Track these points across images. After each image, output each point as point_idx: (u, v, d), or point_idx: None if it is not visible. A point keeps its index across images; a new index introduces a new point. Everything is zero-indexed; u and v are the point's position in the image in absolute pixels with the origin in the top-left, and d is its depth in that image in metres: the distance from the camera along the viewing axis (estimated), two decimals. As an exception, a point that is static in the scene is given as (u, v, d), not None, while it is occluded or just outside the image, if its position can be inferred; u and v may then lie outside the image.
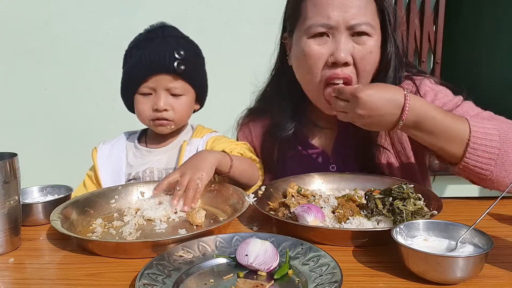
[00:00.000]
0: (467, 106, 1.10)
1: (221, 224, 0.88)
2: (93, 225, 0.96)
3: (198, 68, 1.29)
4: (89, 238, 0.89)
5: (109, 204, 1.07)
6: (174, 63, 1.18)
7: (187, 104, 1.26)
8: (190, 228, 0.94)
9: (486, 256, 0.68)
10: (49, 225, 0.88)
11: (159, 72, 1.19)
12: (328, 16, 1.03)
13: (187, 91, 1.24)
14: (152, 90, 1.22)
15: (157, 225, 0.96)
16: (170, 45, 1.20)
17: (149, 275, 0.69)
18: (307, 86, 1.14)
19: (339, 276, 0.66)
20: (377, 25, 1.08)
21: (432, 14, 2.54)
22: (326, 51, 1.05)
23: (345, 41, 1.04)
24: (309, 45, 1.06)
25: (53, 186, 1.12)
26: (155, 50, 1.19)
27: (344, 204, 0.94)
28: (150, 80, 1.21)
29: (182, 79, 1.22)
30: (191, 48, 1.27)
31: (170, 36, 1.23)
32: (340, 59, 1.03)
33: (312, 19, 1.05)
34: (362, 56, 1.05)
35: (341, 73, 1.05)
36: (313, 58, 1.06)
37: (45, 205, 1.00)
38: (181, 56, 1.19)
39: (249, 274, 0.73)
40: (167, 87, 1.21)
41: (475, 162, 0.93)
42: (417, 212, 0.88)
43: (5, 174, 0.83)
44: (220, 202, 1.07)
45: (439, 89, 1.15)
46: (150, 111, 1.23)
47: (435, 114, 0.93)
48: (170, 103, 1.23)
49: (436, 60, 2.59)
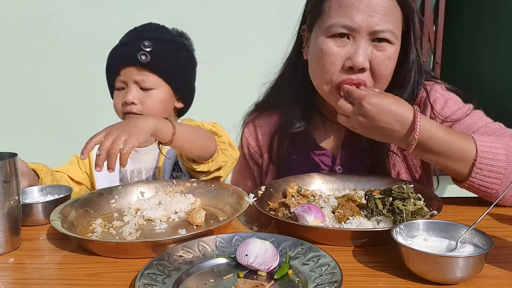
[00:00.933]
0: (476, 115, 1.09)
1: (221, 224, 0.88)
2: (93, 225, 0.96)
3: (171, 61, 1.26)
4: (89, 238, 0.89)
5: (109, 204, 1.06)
6: (138, 53, 1.19)
7: (159, 98, 1.25)
8: (190, 228, 0.94)
9: (486, 256, 0.68)
10: (49, 225, 0.88)
11: (125, 64, 1.21)
12: (352, 18, 1.00)
13: (158, 85, 1.24)
14: (124, 84, 1.24)
15: (157, 225, 0.96)
16: (141, 35, 1.22)
17: (149, 275, 0.69)
18: (320, 85, 1.11)
19: (339, 276, 0.66)
20: (400, 33, 1.06)
21: (432, 14, 2.54)
22: (344, 53, 1.03)
23: (365, 46, 1.02)
24: (328, 44, 1.04)
25: (53, 186, 1.12)
26: (123, 41, 1.23)
27: (344, 204, 0.94)
28: (121, 73, 1.23)
29: (149, 71, 1.22)
30: (166, 40, 1.25)
31: (145, 30, 1.24)
32: (357, 64, 1.01)
33: (334, 18, 1.02)
34: (380, 62, 1.03)
35: (356, 79, 1.03)
36: (331, 59, 1.04)
37: (45, 205, 1.00)
38: (146, 47, 1.19)
39: (249, 274, 0.73)
40: (135, 79, 1.22)
41: (480, 181, 0.93)
42: (417, 212, 0.88)
43: (5, 174, 0.83)
44: (220, 202, 1.07)
45: (449, 96, 1.14)
46: (121, 105, 1.25)
47: (442, 135, 0.92)
48: (139, 97, 1.23)
49: (436, 60, 2.59)
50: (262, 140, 1.32)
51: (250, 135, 1.34)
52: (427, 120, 0.93)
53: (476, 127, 1.06)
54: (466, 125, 1.07)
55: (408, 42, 1.09)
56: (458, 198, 1.06)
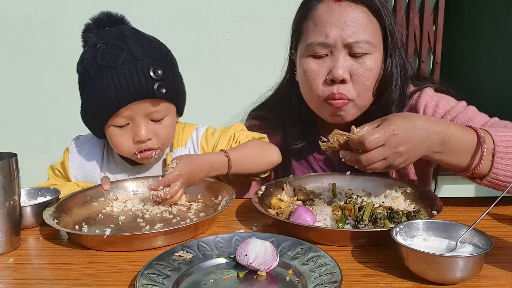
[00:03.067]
0: (471, 112, 1.09)
1: (204, 219, 0.90)
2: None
3: (176, 80, 1.10)
4: (78, 232, 0.91)
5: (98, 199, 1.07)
6: (154, 86, 1.00)
7: (171, 124, 1.11)
8: (170, 223, 0.96)
9: (485, 256, 0.68)
10: (48, 226, 0.88)
11: (136, 99, 1.01)
12: (327, 34, 1.05)
13: (169, 111, 1.09)
14: (129, 120, 1.05)
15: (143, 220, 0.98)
16: (142, 61, 1.00)
17: (149, 275, 0.69)
18: (310, 102, 1.16)
19: (339, 276, 0.66)
20: (379, 42, 1.08)
21: (432, 14, 2.54)
22: (324, 69, 1.07)
23: (343, 59, 1.05)
24: (308, 63, 1.09)
25: (40, 188, 1.07)
26: (123, 72, 0.98)
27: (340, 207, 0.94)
28: (125, 110, 1.02)
29: (164, 101, 1.06)
30: (164, 57, 1.07)
31: (136, 46, 1.02)
32: (337, 76, 1.05)
33: (312, 37, 1.07)
34: (360, 74, 1.06)
35: (337, 92, 1.06)
36: (312, 76, 1.08)
37: (33, 207, 0.96)
38: (158, 76, 1.00)
39: (249, 274, 0.73)
40: (147, 113, 1.04)
41: (504, 172, 0.90)
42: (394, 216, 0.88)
43: (5, 174, 0.83)
44: (209, 200, 1.07)
45: (440, 98, 1.14)
46: (130, 143, 1.07)
47: (461, 133, 0.89)
48: (153, 130, 1.07)
49: (436, 60, 2.58)
50: None
51: None
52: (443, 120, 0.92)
53: (474, 122, 1.04)
54: (461, 122, 1.06)
55: (387, 51, 1.10)
56: (457, 198, 1.06)
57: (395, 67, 1.11)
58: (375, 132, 0.82)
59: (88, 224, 0.96)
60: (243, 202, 1.10)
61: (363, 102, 1.11)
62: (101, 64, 1.01)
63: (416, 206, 0.98)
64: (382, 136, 0.81)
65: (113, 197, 1.10)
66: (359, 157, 0.83)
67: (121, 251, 0.84)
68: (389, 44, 1.10)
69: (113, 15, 1.12)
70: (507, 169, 0.90)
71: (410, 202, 1.01)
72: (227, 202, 1.00)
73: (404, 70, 1.14)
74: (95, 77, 1.02)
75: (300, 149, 1.26)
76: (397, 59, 1.12)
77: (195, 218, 0.97)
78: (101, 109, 1.03)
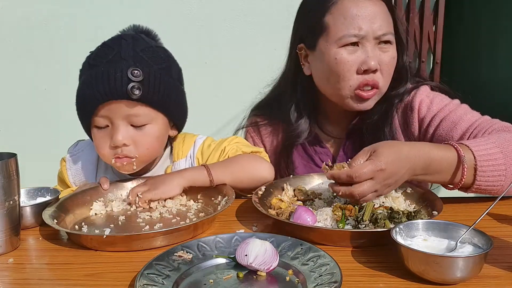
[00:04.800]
0: (462, 111, 1.12)
1: (204, 219, 0.90)
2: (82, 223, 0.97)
3: (166, 88, 1.03)
4: (77, 232, 0.91)
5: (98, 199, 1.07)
6: (128, 86, 0.96)
7: (155, 134, 1.04)
8: (169, 222, 0.96)
9: (485, 256, 0.68)
10: (48, 226, 0.88)
11: (110, 98, 0.97)
12: (360, 27, 1.10)
13: (153, 119, 1.03)
14: (108, 121, 1.01)
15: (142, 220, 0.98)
16: (125, 61, 0.97)
17: (148, 276, 0.69)
18: (337, 92, 1.16)
19: (339, 276, 0.66)
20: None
21: (432, 14, 2.54)
22: (356, 59, 1.12)
23: (373, 49, 1.12)
24: (341, 54, 1.12)
25: (40, 188, 1.06)
26: (103, 70, 0.97)
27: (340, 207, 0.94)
28: (103, 109, 0.99)
29: (143, 104, 1.00)
30: (156, 62, 1.03)
31: (127, 49, 1.00)
32: (371, 67, 1.11)
33: (343, 30, 1.11)
34: (387, 62, 1.14)
35: (371, 80, 1.13)
36: (346, 66, 1.12)
37: (33, 208, 0.96)
38: (136, 77, 0.96)
39: (249, 274, 0.73)
40: (124, 115, 0.99)
41: (486, 183, 0.94)
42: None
43: (5, 174, 0.83)
44: (210, 201, 1.07)
45: (435, 95, 1.18)
46: (107, 147, 1.03)
47: (441, 154, 0.92)
48: (131, 136, 1.01)
49: (436, 60, 2.59)
50: (268, 147, 1.36)
51: (257, 140, 1.37)
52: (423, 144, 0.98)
53: (463, 123, 1.09)
54: (452, 121, 1.11)
55: (398, 44, 1.18)
56: (457, 198, 1.06)
57: (404, 62, 1.20)
58: (364, 167, 0.87)
59: (88, 224, 0.96)
60: (243, 202, 1.10)
61: (384, 90, 1.18)
62: (91, 63, 1.03)
63: (417, 206, 0.98)
64: (370, 172, 0.86)
65: (113, 197, 1.10)
66: (353, 191, 0.88)
67: (120, 251, 0.84)
68: (401, 39, 1.18)
69: (140, 27, 1.13)
70: (489, 180, 0.94)
71: (411, 202, 1.01)
72: (227, 202, 1.00)
73: (407, 63, 1.22)
74: (83, 74, 1.04)
75: (301, 142, 1.28)
76: (404, 56, 1.20)
77: (194, 218, 0.97)
78: (83, 106, 1.04)
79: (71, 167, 1.20)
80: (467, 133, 1.07)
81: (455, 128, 1.09)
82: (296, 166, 1.29)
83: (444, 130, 1.11)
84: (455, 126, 1.09)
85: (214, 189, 1.08)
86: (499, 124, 1.06)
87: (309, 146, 1.29)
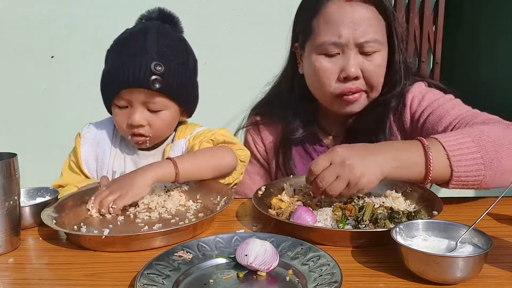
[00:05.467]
0: (451, 104, 1.11)
1: (203, 219, 0.90)
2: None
3: (182, 81, 1.16)
4: (76, 232, 0.91)
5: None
6: (150, 78, 1.08)
7: (168, 119, 1.17)
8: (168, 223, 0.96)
9: (485, 256, 0.68)
10: (47, 226, 0.88)
11: (132, 86, 1.09)
12: (339, 34, 1.08)
13: (167, 106, 1.15)
14: (128, 103, 1.13)
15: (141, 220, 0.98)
16: (149, 55, 1.09)
17: (148, 275, 0.69)
18: (321, 97, 1.19)
19: (339, 276, 0.66)
20: (385, 39, 1.14)
21: (432, 14, 2.54)
22: (337, 66, 1.11)
23: (355, 57, 1.10)
24: (320, 61, 1.12)
25: (39, 188, 1.07)
26: (130, 60, 1.09)
27: (340, 207, 0.94)
28: (124, 93, 1.11)
29: (160, 95, 1.12)
30: (176, 57, 1.14)
31: (152, 42, 1.11)
32: (351, 74, 1.09)
33: (324, 36, 1.10)
34: (371, 70, 1.11)
35: (353, 87, 1.11)
36: (325, 74, 1.11)
37: (32, 208, 0.96)
38: (158, 72, 1.08)
39: (249, 274, 0.73)
40: (143, 101, 1.12)
41: (465, 173, 0.91)
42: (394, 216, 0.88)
43: (5, 174, 0.83)
44: (207, 199, 1.08)
45: (427, 91, 1.18)
46: (125, 125, 1.15)
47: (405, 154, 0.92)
48: (147, 118, 1.14)
49: (436, 60, 2.59)
50: (268, 146, 1.35)
51: (257, 139, 1.37)
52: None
53: (448, 116, 1.08)
54: (438, 114, 1.10)
55: (392, 46, 1.16)
56: (458, 198, 1.07)
57: (400, 63, 1.17)
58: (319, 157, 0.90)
59: (87, 224, 0.96)
60: (243, 202, 1.10)
61: (375, 95, 1.17)
62: (119, 50, 1.15)
63: (417, 206, 0.98)
64: (324, 157, 0.89)
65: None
66: (316, 182, 0.89)
67: (119, 251, 0.84)
68: (395, 41, 1.15)
69: (165, 12, 1.23)
70: (468, 170, 0.90)
71: (411, 202, 1.01)
72: (226, 202, 1.00)
73: (407, 63, 1.20)
74: (111, 58, 1.16)
75: (300, 140, 1.28)
76: (401, 55, 1.18)
77: (194, 219, 0.97)
78: (108, 87, 1.16)
79: (86, 140, 1.25)
80: (450, 126, 1.06)
81: (440, 122, 1.08)
82: (296, 165, 1.29)
83: (431, 123, 1.11)
84: (440, 120, 1.09)
85: (213, 189, 1.09)
86: (482, 117, 1.04)
87: (308, 145, 1.29)
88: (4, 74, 2.42)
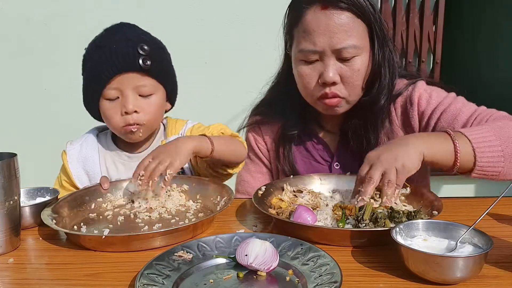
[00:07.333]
0: (460, 104, 1.14)
1: (203, 219, 0.90)
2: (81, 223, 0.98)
3: (165, 64, 1.22)
4: (76, 232, 0.90)
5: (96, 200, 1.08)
6: (139, 58, 1.11)
7: (158, 103, 1.19)
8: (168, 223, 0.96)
9: (486, 256, 0.68)
10: (47, 226, 0.88)
11: (123, 70, 1.11)
12: (315, 43, 1.10)
13: (156, 89, 1.17)
14: (119, 92, 1.14)
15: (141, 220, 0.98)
16: (132, 40, 1.12)
17: (148, 275, 0.69)
18: (306, 98, 1.23)
19: (339, 276, 0.66)
20: (366, 41, 1.14)
21: (431, 14, 2.54)
22: (316, 73, 1.14)
23: (333, 63, 1.12)
24: (301, 67, 1.16)
25: (39, 188, 1.07)
26: (115, 47, 1.11)
27: (340, 206, 0.94)
28: (114, 81, 1.12)
29: (150, 76, 1.15)
30: (155, 43, 1.20)
31: (130, 32, 1.16)
32: (328, 80, 1.11)
33: (302, 44, 1.13)
34: (349, 75, 1.13)
35: (330, 92, 1.14)
36: (306, 79, 1.15)
37: (32, 208, 0.97)
38: (145, 51, 1.11)
39: (249, 274, 0.73)
40: (134, 86, 1.13)
41: (487, 163, 0.97)
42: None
43: (5, 174, 0.83)
44: (209, 201, 1.07)
45: (432, 89, 1.20)
46: (119, 116, 1.15)
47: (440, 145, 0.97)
48: (139, 104, 1.15)
49: (436, 60, 2.59)
50: (270, 144, 1.36)
51: (258, 138, 1.37)
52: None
53: (463, 114, 1.12)
54: (452, 113, 1.13)
55: (373, 47, 1.16)
56: (457, 198, 1.07)
57: (383, 62, 1.18)
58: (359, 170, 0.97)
59: (87, 224, 0.96)
60: (243, 202, 1.11)
61: (354, 98, 1.18)
62: (98, 45, 1.16)
63: (417, 206, 0.98)
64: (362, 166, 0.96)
65: (112, 198, 1.10)
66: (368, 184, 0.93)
67: (119, 251, 0.84)
68: (376, 41, 1.15)
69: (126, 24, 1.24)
70: (490, 161, 0.97)
71: (411, 202, 1.01)
72: (226, 202, 1.00)
73: (392, 61, 1.21)
74: (91, 55, 1.16)
75: (299, 137, 1.31)
76: (385, 53, 1.18)
77: (194, 219, 0.98)
78: (95, 82, 1.15)
79: (73, 156, 1.24)
80: (468, 123, 1.10)
81: (456, 119, 1.11)
82: (296, 162, 1.30)
83: (446, 122, 1.13)
84: (456, 118, 1.12)
85: (213, 189, 1.09)
86: (496, 113, 1.10)
87: (308, 142, 1.31)
88: (4, 74, 2.42)
